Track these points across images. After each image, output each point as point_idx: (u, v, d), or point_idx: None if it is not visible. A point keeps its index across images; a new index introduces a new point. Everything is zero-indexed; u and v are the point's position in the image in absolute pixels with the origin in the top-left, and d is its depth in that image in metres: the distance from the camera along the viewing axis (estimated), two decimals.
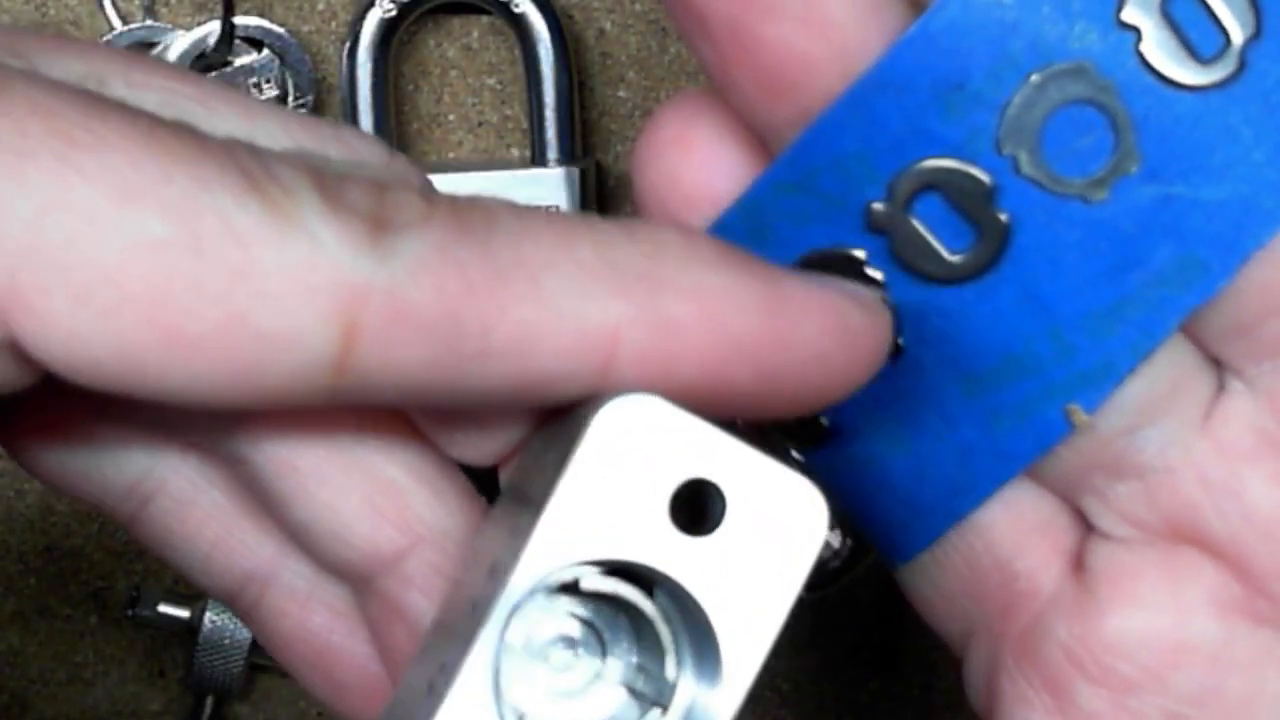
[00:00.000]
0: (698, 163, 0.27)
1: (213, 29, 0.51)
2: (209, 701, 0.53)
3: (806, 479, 0.23)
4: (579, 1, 0.54)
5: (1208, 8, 0.24)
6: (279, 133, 0.25)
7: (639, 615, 0.23)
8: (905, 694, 0.56)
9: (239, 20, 0.51)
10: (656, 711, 0.23)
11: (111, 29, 0.51)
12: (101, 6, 0.51)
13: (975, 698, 0.30)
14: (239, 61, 0.52)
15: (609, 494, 0.22)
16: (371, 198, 0.22)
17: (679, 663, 0.23)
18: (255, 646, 0.51)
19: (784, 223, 0.26)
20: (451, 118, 0.54)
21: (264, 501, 0.27)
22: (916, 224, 0.26)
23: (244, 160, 0.22)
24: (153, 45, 0.52)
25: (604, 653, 0.23)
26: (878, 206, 0.26)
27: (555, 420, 0.25)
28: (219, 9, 0.51)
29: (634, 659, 0.24)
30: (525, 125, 0.53)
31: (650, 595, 0.23)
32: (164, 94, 0.25)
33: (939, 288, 0.26)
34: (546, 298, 0.22)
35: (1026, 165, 0.25)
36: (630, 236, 0.23)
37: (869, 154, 0.25)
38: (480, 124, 0.54)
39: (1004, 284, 0.25)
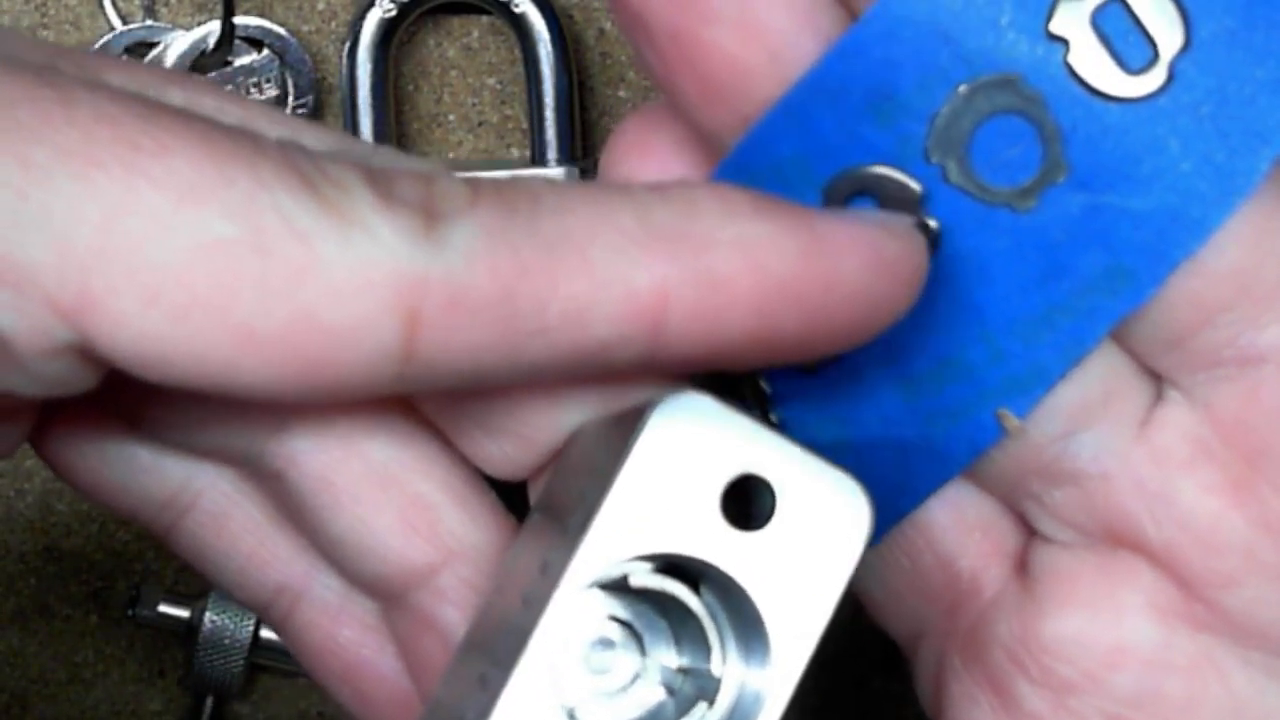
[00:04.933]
0: (654, 168, 0.28)
1: (213, 29, 0.51)
2: (209, 701, 0.53)
3: (852, 476, 0.23)
4: (579, 1, 0.54)
5: (1137, 19, 0.24)
6: (320, 142, 0.26)
7: (679, 614, 0.24)
8: (908, 693, 0.56)
9: (239, 20, 0.51)
10: (702, 706, 0.23)
11: (112, 29, 0.51)
12: (101, 7, 0.51)
13: (924, 699, 0.30)
14: (239, 61, 0.52)
15: (663, 490, 0.23)
16: (420, 189, 0.23)
17: (724, 658, 0.23)
18: (255, 646, 0.51)
19: None
20: (451, 118, 0.54)
21: (297, 516, 0.28)
22: None
23: (298, 160, 0.22)
24: (153, 45, 0.52)
25: (644, 653, 0.24)
26: None
27: (589, 432, 0.25)
28: (219, 9, 0.51)
29: (673, 658, 0.24)
30: (525, 125, 0.53)
31: (697, 592, 0.23)
32: (217, 103, 0.26)
33: None
34: (595, 269, 0.23)
35: (955, 174, 0.25)
36: (665, 198, 0.24)
37: (805, 159, 0.26)
38: (480, 124, 0.54)
39: (936, 289, 0.26)
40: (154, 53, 0.51)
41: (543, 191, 0.23)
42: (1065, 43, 0.24)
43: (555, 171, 0.51)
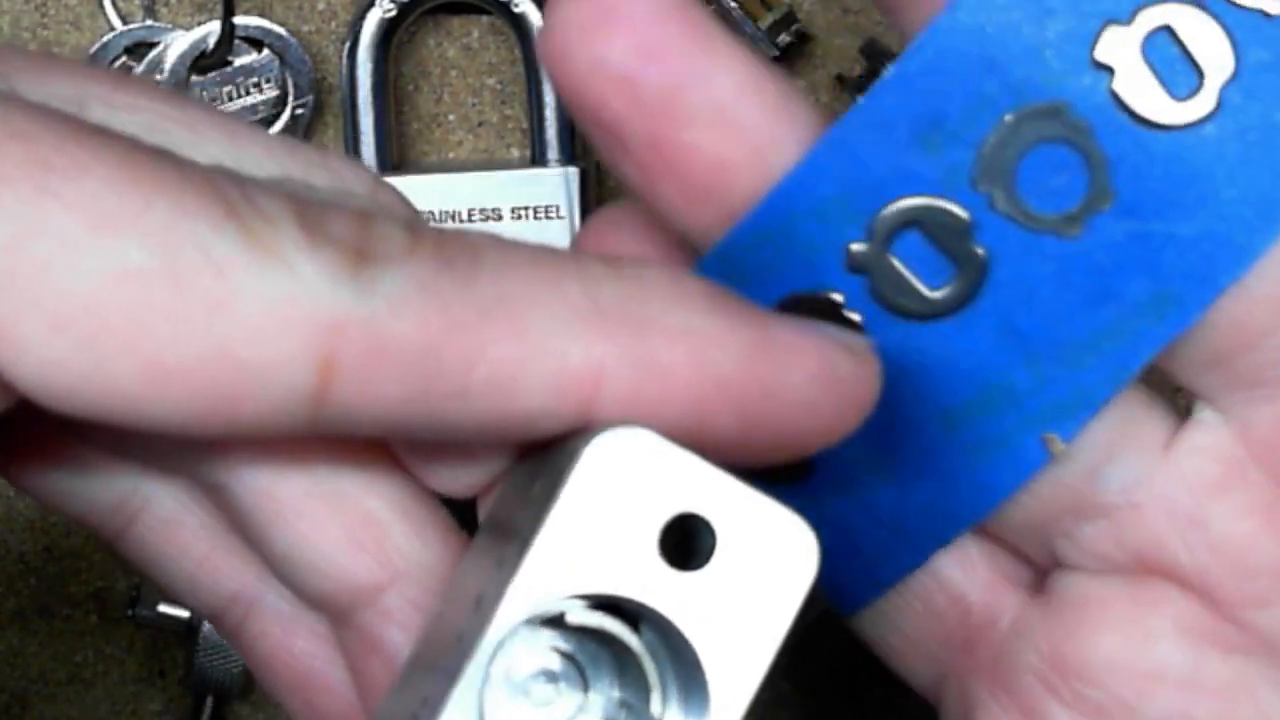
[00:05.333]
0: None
1: (213, 29, 0.51)
2: (209, 701, 0.53)
3: (797, 516, 0.23)
4: None
5: (1184, 47, 0.24)
6: (264, 159, 0.25)
7: (623, 649, 0.23)
8: (907, 704, 0.56)
9: (239, 20, 0.51)
10: None
11: (112, 29, 0.51)
12: (101, 6, 0.51)
13: None
14: (239, 61, 0.52)
15: (598, 527, 0.22)
16: (354, 229, 0.22)
17: (664, 699, 0.23)
18: None
19: (761, 269, 0.26)
20: (451, 118, 0.54)
21: (243, 530, 0.27)
22: (896, 262, 0.26)
23: (225, 188, 0.22)
24: (153, 45, 0.51)
25: (586, 687, 0.23)
26: (857, 247, 0.26)
27: (538, 452, 0.24)
28: (219, 9, 0.51)
29: (617, 693, 0.23)
30: (525, 125, 0.53)
31: (636, 630, 0.23)
32: (149, 116, 0.25)
33: (918, 324, 0.26)
34: (529, 335, 0.22)
35: (1002, 202, 0.25)
36: (617, 275, 0.23)
37: (848, 195, 0.25)
38: (480, 124, 0.54)
39: (982, 317, 0.26)
40: (154, 53, 0.51)
41: (487, 248, 0.23)
42: (1111, 70, 0.24)
43: (555, 172, 0.51)
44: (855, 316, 0.26)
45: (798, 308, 0.26)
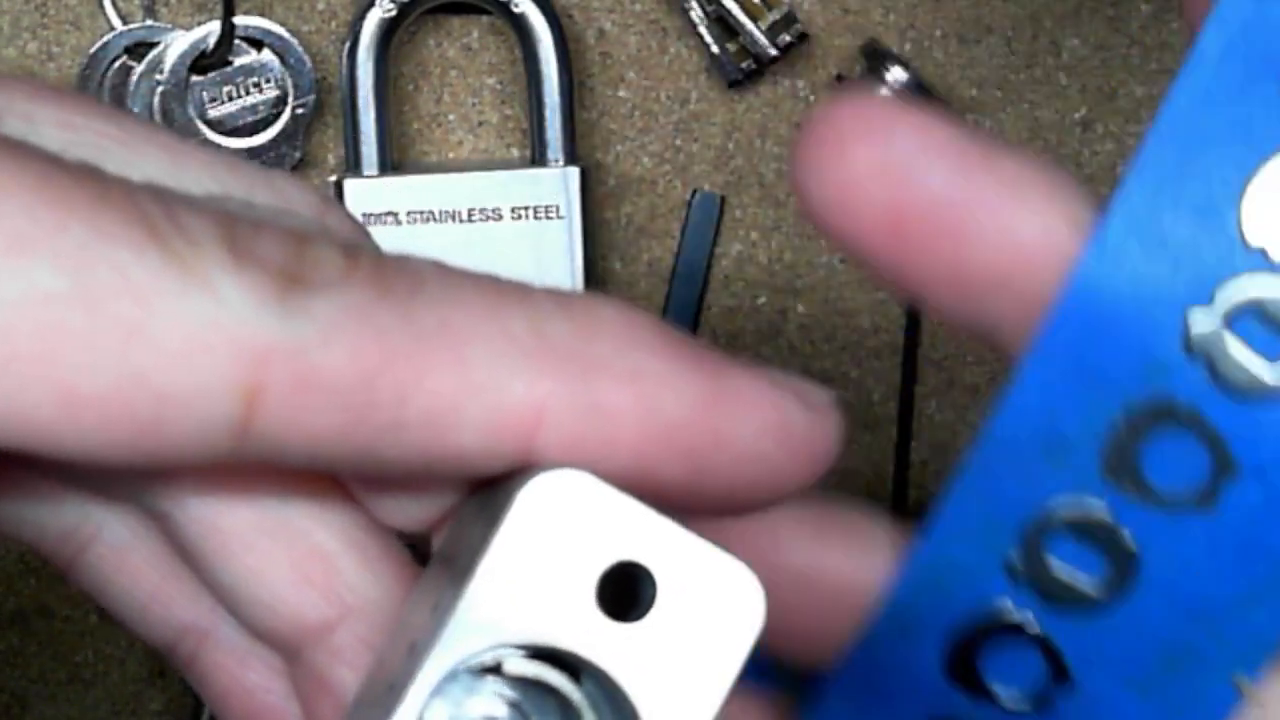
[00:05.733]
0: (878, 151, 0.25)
1: (213, 29, 0.51)
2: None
3: (744, 565, 0.21)
4: (579, 1, 0.54)
5: (1267, 311, 0.25)
6: (205, 177, 0.24)
7: (564, 701, 0.22)
8: None
9: (239, 20, 0.51)
10: None
11: (112, 29, 0.51)
12: (101, 7, 0.51)
13: None
14: (239, 61, 0.52)
15: (533, 574, 0.21)
16: (286, 251, 0.21)
17: None
18: None
19: (931, 605, 0.27)
20: (451, 118, 0.54)
21: (190, 562, 0.26)
22: (1054, 567, 0.27)
23: (147, 208, 0.20)
24: (153, 45, 0.52)
25: None
26: (1014, 562, 0.27)
27: (488, 487, 0.23)
28: (219, 9, 0.51)
29: None
30: (525, 125, 0.53)
31: (578, 680, 0.22)
32: (84, 134, 0.24)
33: (1088, 616, 0.27)
34: (468, 370, 0.21)
35: (1134, 493, 0.26)
36: (566, 311, 0.22)
37: (995, 518, 0.26)
38: (480, 124, 0.54)
39: (1147, 598, 0.27)
40: (154, 53, 0.51)
41: (429, 274, 0.21)
42: (1206, 355, 0.26)
43: (555, 172, 0.51)
44: (1027, 615, 0.27)
45: (971, 632, 0.27)
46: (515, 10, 0.51)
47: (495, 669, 0.21)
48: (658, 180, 0.55)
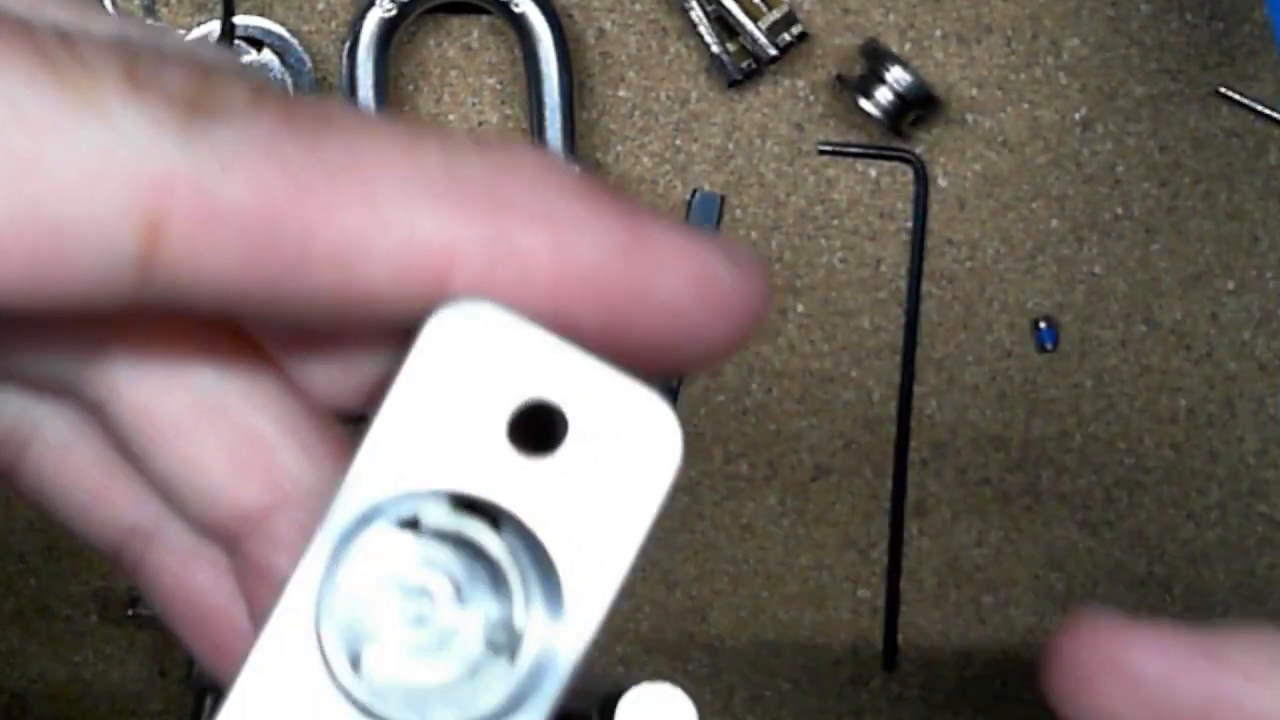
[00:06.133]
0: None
1: (213, 29, 0.51)
2: (209, 701, 0.53)
3: (660, 398, 0.20)
4: (579, 1, 0.54)
5: None
6: (111, 26, 0.23)
7: (487, 552, 0.21)
8: (905, 694, 0.56)
9: (239, 20, 0.51)
10: (503, 662, 0.20)
11: None
12: (101, 6, 0.51)
13: None
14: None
15: (441, 415, 0.20)
16: (190, 81, 0.20)
17: (528, 606, 0.20)
18: None
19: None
20: (451, 118, 0.54)
21: (128, 453, 0.25)
22: None
23: (42, 41, 0.20)
24: None
25: (462, 603, 0.21)
26: None
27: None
28: (219, 9, 0.51)
29: (494, 608, 0.21)
30: (525, 125, 0.53)
31: (498, 531, 0.20)
32: None
33: None
34: (377, 206, 0.20)
35: None
36: (483, 151, 0.21)
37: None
38: (480, 124, 0.54)
39: None
40: None
41: (339, 112, 0.21)
42: None
43: None
44: None
45: None
46: (515, 10, 0.51)
47: (414, 525, 0.20)
48: (658, 180, 0.55)
